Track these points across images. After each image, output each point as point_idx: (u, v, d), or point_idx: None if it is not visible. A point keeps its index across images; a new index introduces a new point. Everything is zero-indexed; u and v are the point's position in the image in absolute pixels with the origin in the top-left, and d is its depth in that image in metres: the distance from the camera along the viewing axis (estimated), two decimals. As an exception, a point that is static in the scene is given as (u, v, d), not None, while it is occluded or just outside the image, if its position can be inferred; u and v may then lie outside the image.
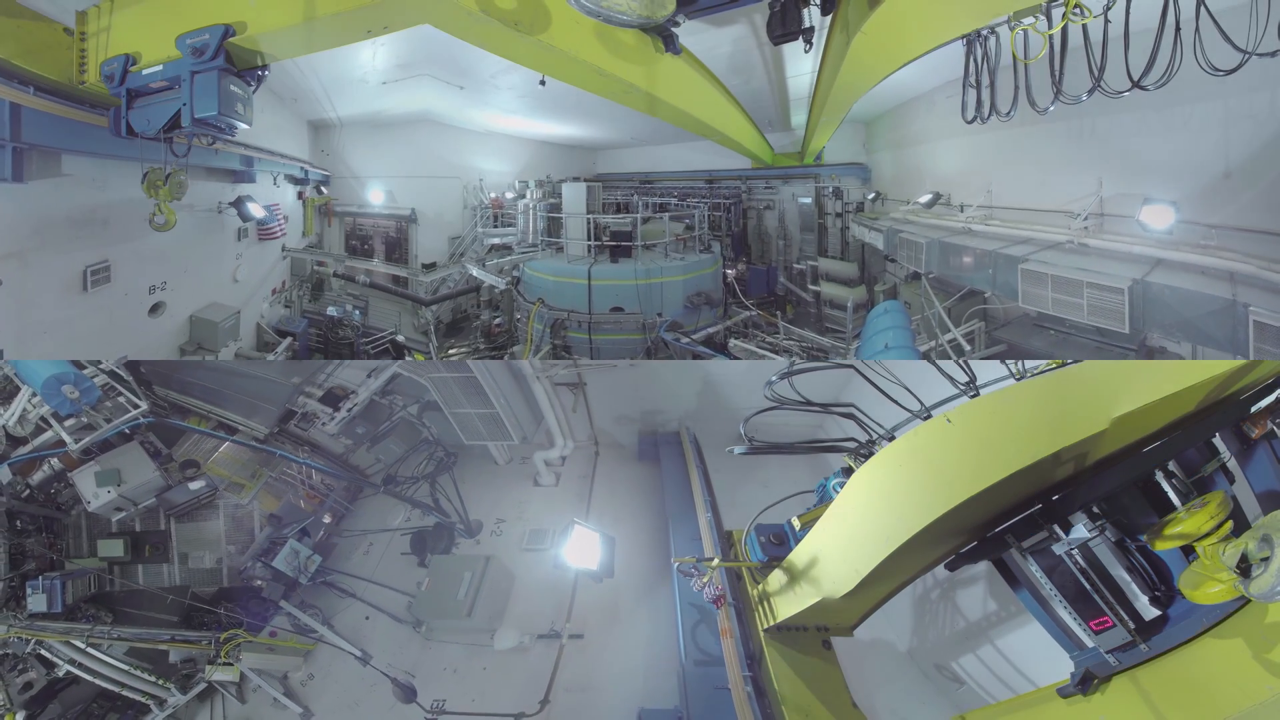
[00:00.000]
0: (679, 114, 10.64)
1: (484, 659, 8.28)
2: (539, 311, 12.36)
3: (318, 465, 11.42)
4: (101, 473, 9.35)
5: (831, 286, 14.85)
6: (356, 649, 8.78)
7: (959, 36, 6.71)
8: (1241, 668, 2.96)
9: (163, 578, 9.92)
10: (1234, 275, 5.97)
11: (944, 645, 8.38)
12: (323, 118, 15.47)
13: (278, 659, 9.13)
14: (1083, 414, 3.16)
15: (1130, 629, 3.45)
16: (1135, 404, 3.05)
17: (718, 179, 19.14)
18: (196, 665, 9.26)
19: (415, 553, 10.37)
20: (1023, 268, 7.50)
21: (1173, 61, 4.98)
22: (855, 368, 5.14)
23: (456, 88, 13.61)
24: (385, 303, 15.84)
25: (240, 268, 12.46)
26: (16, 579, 8.78)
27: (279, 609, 9.78)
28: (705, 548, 7.79)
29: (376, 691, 8.17)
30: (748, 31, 10.42)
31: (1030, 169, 9.33)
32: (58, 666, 8.68)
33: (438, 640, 8.82)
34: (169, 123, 6.32)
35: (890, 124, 14.50)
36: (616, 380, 11.85)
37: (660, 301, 12.24)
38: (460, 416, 10.80)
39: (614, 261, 12.84)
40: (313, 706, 8.53)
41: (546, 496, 11.07)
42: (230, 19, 5.92)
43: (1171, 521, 3.13)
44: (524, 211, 15.01)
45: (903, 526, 3.93)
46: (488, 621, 8.54)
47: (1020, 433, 3.39)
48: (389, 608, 9.64)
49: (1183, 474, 3.43)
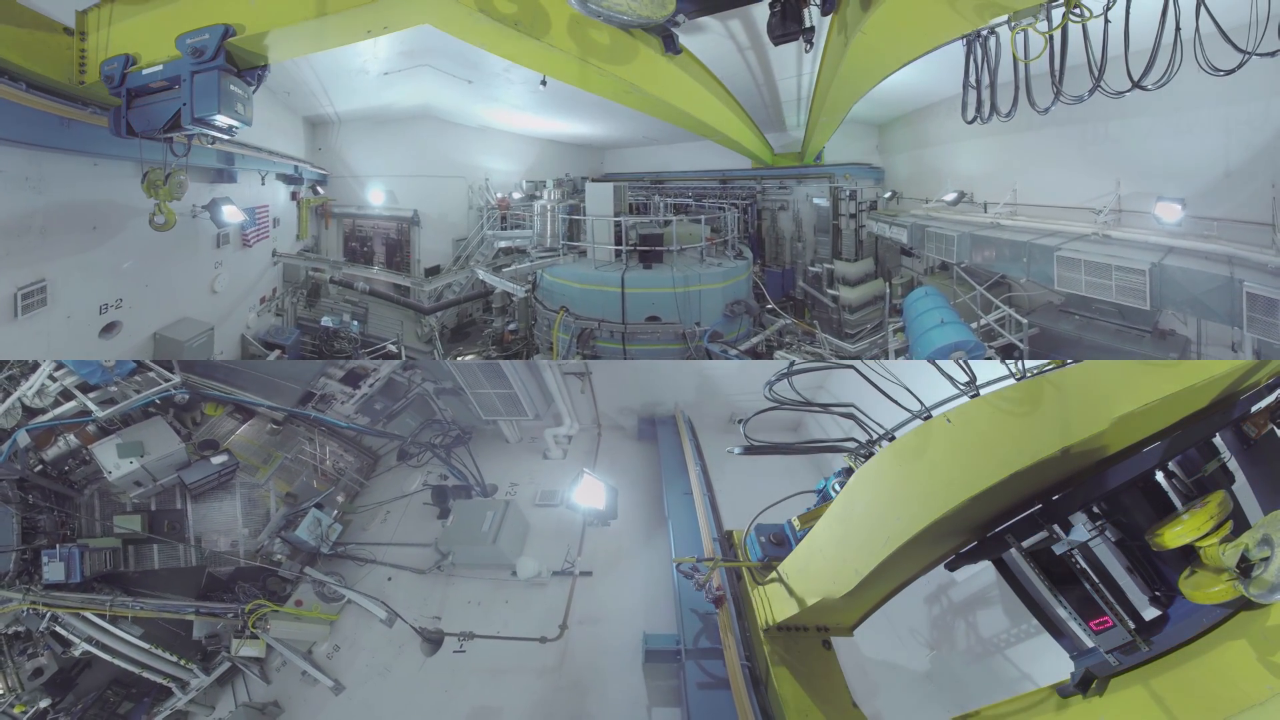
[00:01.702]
0: (679, 114, 10.66)
1: (505, 593, 8.96)
2: (564, 320, 11.78)
3: (344, 424, 11.65)
4: (124, 444, 9.27)
5: (850, 290, 14.87)
6: (381, 609, 8.79)
7: (959, 37, 6.72)
8: (1242, 668, 2.96)
9: (179, 557, 9.75)
10: (1231, 258, 6.94)
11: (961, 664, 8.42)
12: (319, 113, 14.82)
13: (304, 628, 9.07)
14: (1083, 414, 3.16)
15: (1130, 629, 3.45)
16: (1135, 404, 3.05)
17: (731, 179, 18.64)
18: (221, 641, 9.09)
19: (436, 503, 10.75)
20: (1058, 254, 8.42)
21: (1172, 62, 4.99)
22: (855, 368, 5.14)
23: (464, 81, 13.04)
24: (386, 309, 15.25)
25: (220, 277, 11.52)
26: (29, 553, 8.51)
27: (304, 576, 9.84)
28: (696, 506, 8.77)
29: (405, 652, 8.47)
30: (748, 32, 10.44)
31: (1050, 171, 10.39)
32: (74, 645, 8.32)
33: (460, 576, 9.36)
34: (169, 123, 6.32)
35: (907, 127, 14.97)
36: (620, 374, 12.32)
37: (699, 310, 11.58)
38: (480, 396, 11.49)
39: (647, 267, 12.10)
40: (342, 679, 8.49)
41: (555, 467, 11.78)
42: (230, 19, 5.92)
43: (1171, 521, 3.12)
44: (541, 213, 14.02)
45: (902, 526, 3.93)
46: (509, 553, 9.18)
47: (1020, 433, 3.39)
48: (410, 565, 9.82)
49: (1183, 474, 3.43)
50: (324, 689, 8.35)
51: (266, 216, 13.24)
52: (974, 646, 8.39)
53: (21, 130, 6.64)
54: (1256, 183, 7.28)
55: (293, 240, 15.01)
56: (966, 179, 12.64)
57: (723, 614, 6.60)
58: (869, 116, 15.44)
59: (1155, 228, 8.35)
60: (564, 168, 19.62)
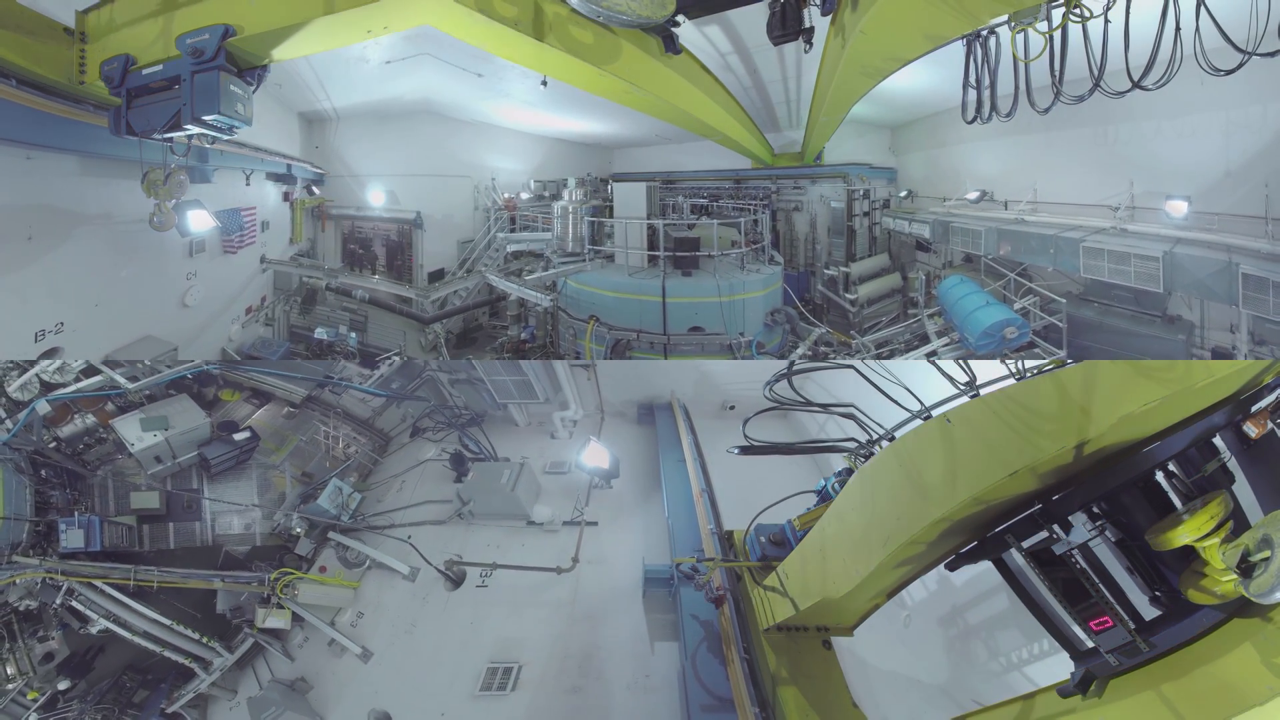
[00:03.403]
0: (679, 114, 10.66)
1: (521, 538, 9.83)
2: (595, 330, 11.26)
3: (372, 390, 11.96)
4: (148, 418, 9.35)
5: (865, 286, 15.16)
6: (404, 565, 9.40)
7: (959, 37, 6.72)
8: (1242, 668, 2.96)
9: (194, 536, 9.79)
10: (1230, 247, 8.06)
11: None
12: (316, 108, 13.95)
13: (330, 592, 9.25)
14: (1083, 414, 3.16)
15: (1130, 629, 3.44)
16: (1135, 404, 3.04)
17: (745, 178, 18.18)
18: (245, 614, 9.07)
19: (454, 468, 11.18)
20: (1084, 245, 9.44)
21: (1172, 62, 4.99)
22: (855, 368, 5.14)
23: (474, 75, 12.33)
24: (387, 316, 14.41)
25: (193, 290, 10.51)
26: (44, 526, 8.33)
27: (327, 542, 10.06)
28: (689, 476, 9.70)
29: (429, 605, 8.97)
30: (748, 32, 10.44)
31: (1064, 172, 11.49)
32: (92, 622, 8.09)
33: (479, 525, 10.14)
34: (169, 123, 6.31)
35: (923, 130, 15.59)
36: (622, 369, 12.70)
37: (742, 320, 11.06)
38: (496, 382, 12.09)
39: (685, 274, 11.44)
40: (369, 645, 8.66)
41: (561, 446, 12.46)
42: (230, 19, 5.92)
43: (1171, 521, 3.12)
44: (561, 215, 13.12)
45: (902, 527, 3.92)
46: (525, 503, 10.06)
47: (1020, 433, 3.39)
48: (430, 519, 10.28)
49: (1183, 474, 3.43)
50: (349, 662, 8.54)
51: (254, 219, 12.50)
52: (988, 663, 8.40)
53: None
54: (1251, 182, 8.36)
55: (286, 244, 14.21)
56: (985, 179, 13.42)
57: (723, 614, 6.60)
58: (882, 119, 15.84)
59: (1164, 222, 9.42)
60: (571, 167, 18.98)
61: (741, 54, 11.30)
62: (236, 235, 11.54)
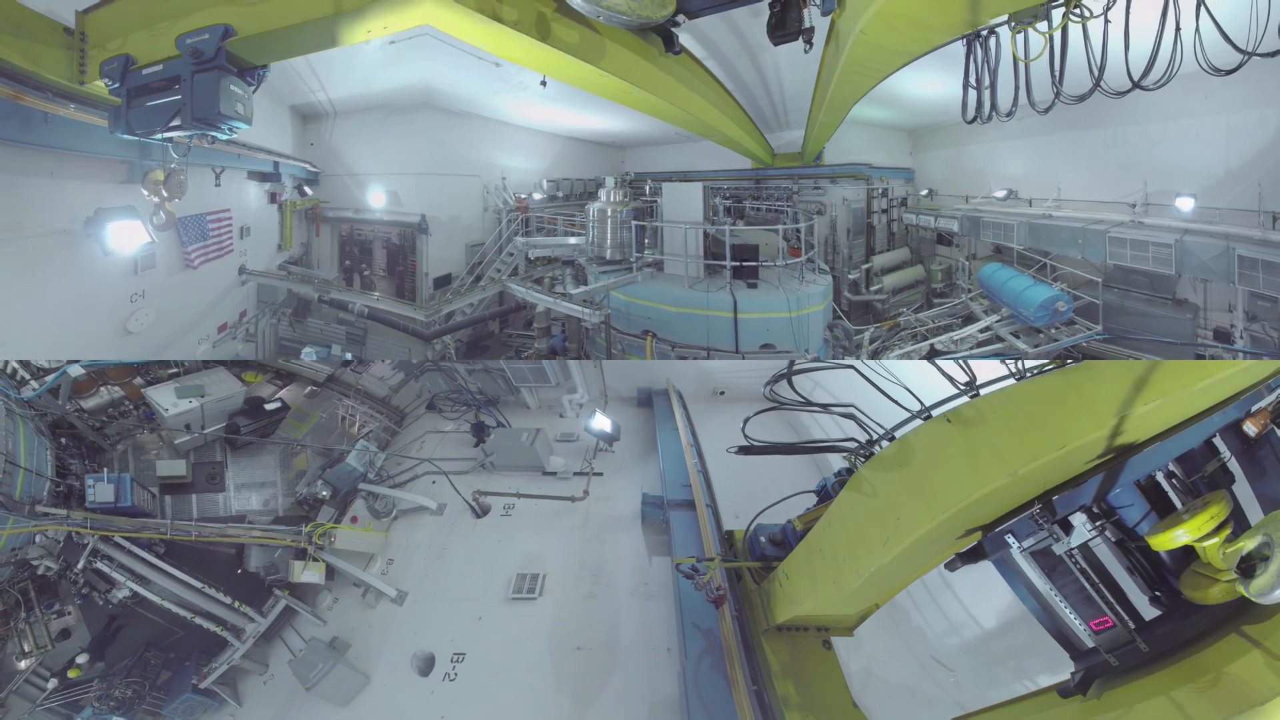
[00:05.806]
0: (679, 114, 10.64)
1: (539, 484, 11.09)
2: (654, 348, 10.51)
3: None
4: (183, 387, 9.61)
5: (889, 277, 15.94)
6: (431, 502, 10.51)
7: (959, 37, 6.71)
8: (1242, 668, 2.96)
9: (217, 508, 9.92)
10: (1228, 235, 9.45)
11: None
12: (309, 100, 12.87)
13: (365, 537, 9.79)
14: (1083, 414, 3.16)
15: (1130, 629, 3.45)
16: (1136, 404, 3.04)
17: (766, 178, 17.69)
18: (277, 572, 9.19)
19: (475, 435, 12.08)
20: (1110, 235, 10.88)
21: (1172, 62, 4.99)
22: (855, 368, 5.14)
23: (492, 64, 11.16)
24: (388, 328, 13.07)
25: (140, 313, 8.84)
26: (64, 486, 8.03)
27: (358, 492, 10.60)
28: (684, 455, 10.48)
29: (458, 532, 10.20)
30: (747, 32, 10.43)
31: (1082, 172, 12.85)
32: (117, 586, 7.72)
33: (500, 473, 11.50)
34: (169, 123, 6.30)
35: (945, 132, 16.58)
36: (626, 366, 13.88)
37: (807, 336, 10.39)
38: (514, 368, 13.26)
39: (751, 286, 10.53)
40: (402, 587, 9.23)
41: (569, 423, 13.69)
42: (230, 19, 5.92)
43: (1172, 521, 3.12)
44: (599, 218, 11.81)
45: (902, 527, 3.92)
46: (542, 455, 11.33)
47: (1020, 433, 3.39)
48: (453, 470, 11.34)
49: (1183, 474, 3.43)
50: (384, 612, 8.98)
51: (229, 225, 10.96)
52: (1008, 679, 8.42)
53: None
54: (1248, 180, 9.66)
55: (273, 251, 12.87)
56: (1011, 178, 14.58)
57: (723, 614, 6.59)
58: (902, 123, 16.78)
59: (1175, 215, 10.76)
60: (584, 166, 18.14)
61: (742, 54, 11.28)
62: (197, 246, 9.90)
